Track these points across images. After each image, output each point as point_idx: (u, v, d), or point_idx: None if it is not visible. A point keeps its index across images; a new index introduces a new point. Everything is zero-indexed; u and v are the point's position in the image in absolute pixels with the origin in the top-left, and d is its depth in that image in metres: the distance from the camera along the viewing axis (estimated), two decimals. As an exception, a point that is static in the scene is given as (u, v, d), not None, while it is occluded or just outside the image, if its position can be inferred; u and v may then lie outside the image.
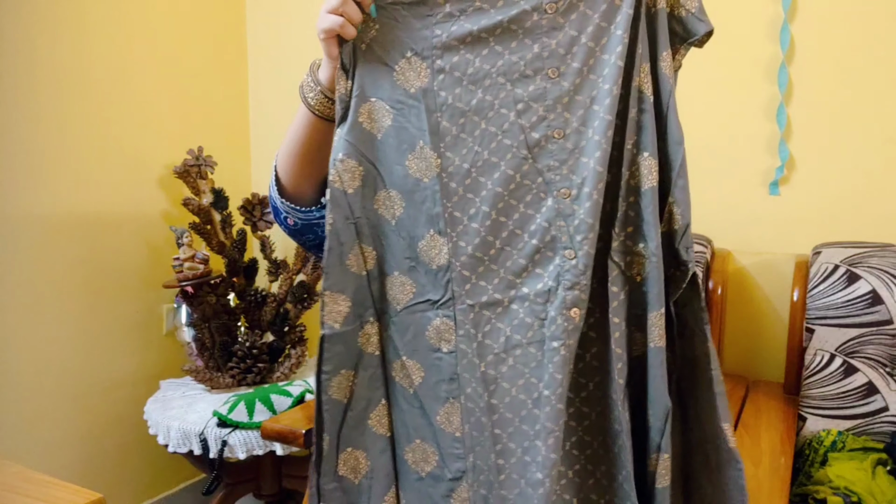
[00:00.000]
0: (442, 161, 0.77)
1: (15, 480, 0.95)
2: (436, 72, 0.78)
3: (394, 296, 0.81)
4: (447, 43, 0.77)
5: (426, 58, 0.78)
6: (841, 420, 1.21)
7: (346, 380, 0.81)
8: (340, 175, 0.79)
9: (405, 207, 0.79)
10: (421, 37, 0.78)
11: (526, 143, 0.76)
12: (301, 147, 0.89)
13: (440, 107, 0.78)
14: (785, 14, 1.45)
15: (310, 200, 0.94)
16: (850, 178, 1.43)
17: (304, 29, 2.13)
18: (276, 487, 1.82)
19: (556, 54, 0.75)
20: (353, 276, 0.80)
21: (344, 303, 0.80)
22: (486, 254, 0.77)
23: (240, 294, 1.89)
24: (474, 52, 0.77)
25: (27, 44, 1.64)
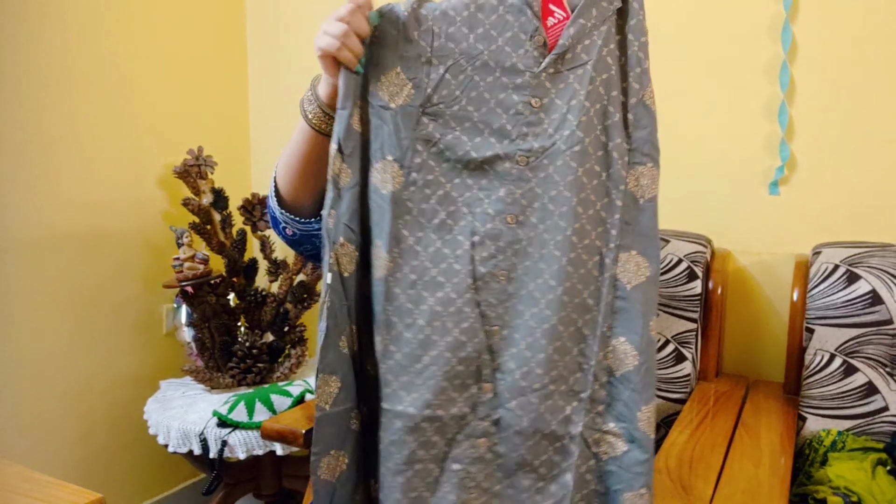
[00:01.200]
0: (392, 265, 0.79)
1: (15, 480, 0.95)
2: (409, 180, 0.80)
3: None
4: (425, 147, 0.80)
5: (402, 164, 0.80)
6: (841, 420, 1.21)
7: (335, 460, 0.82)
8: (340, 259, 0.81)
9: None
10: (406, 134, 0.80)
11: (473, 273, 0.79)
12: (300, 160, 0.89)
13: (403, 214, 0.80)
14: (786, 13, 1.45)
15: (309, 212, 0.94)
16: (851, 178, 1.43)
17: (304, 29, 2.13)
18: (276, 487, 1.82)
19: (519, 203, 0.79)
20: (345, 358, 0.82)
21: (335, 384, 0.81)
22: (412, 365, 0.79)
23: (240, 294, 1.89)
24: (445, 176, 0.80)
25: (27, 44, 1.64)
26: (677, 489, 0.94)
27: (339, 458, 0.82)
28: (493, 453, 0.81)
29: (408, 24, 0.80)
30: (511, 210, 0.79)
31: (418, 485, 0.80)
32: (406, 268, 0.80)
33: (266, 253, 1.92)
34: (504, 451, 0.81)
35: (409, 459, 0.79)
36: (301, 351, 1.89)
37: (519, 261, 0.80)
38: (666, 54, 1.59)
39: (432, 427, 0.79)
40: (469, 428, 0.80)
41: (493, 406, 0.80)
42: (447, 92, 0.80)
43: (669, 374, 1.38)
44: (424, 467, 0.80)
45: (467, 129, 0.80)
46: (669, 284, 1.40)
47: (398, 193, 0.80)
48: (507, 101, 0.80)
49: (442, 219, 0.80)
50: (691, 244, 1.43)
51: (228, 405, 1.59)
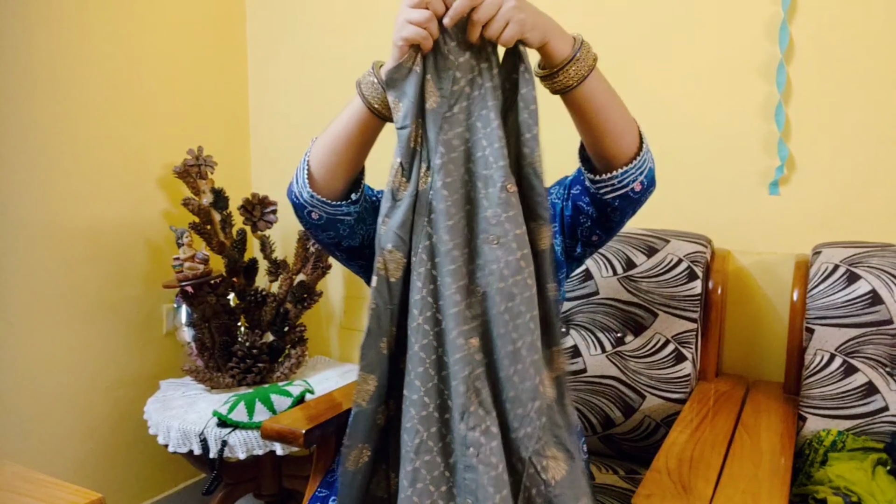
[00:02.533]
0: (415, 260, 0.83)
1: (15, 480, 0.95)
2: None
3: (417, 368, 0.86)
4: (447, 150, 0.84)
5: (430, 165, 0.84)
6: (841, 420, 1.21)
7: (360, 452, 0.87)
8: (387, 264, 0.84)
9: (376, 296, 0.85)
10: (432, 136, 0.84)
11: (466, 279, 0.83)
12: (347, 142, 0.91)
13: (429, 213, 0.83)
14: (784, 14, 1.45)
15: (341, 195, 0.96)
16: (850, 178, 1.43)
17: (304, 29, 2.13)
18: (276, 487, 1.82)
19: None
20: (384, 358, 0.86)
21: (372, 382, 0.86)
22: (423, 363, 0.82)
23: (240, 294, 1.89)
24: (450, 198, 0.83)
25: (27, 44, 1.64)
26: (677, 489, 0.95)
27: (363, 451, 0.87)
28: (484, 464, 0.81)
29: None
30: (494, 231, 0.82)
31: (424, 476, 0.81)
32: (429, 262, 0.83)
33: (266, 253, 1.92)
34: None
35: (419, 449, 0.81)
36: (301, 351, 1.89)
37: (493, 282, 0.81)
38: (664, 54, 1.59)
39: (441, 419, 0.81)
40: (460, 436, 0.81)
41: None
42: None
43: (669, 374, 1.38)
44: (433, 459, 0.81)
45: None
46: (669, 284, 1.40)
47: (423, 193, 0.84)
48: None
49: (455, 222, 0.83)
50: (691, 244, 1.43)
51: (228, 405, 1.59)
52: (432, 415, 0.81)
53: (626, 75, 1.63)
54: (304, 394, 1.64)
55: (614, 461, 1.42)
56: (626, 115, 0.90)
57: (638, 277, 1.42)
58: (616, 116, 0.88)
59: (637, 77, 1.62)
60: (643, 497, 0.91)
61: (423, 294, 0.82)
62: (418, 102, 0.82)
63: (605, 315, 1.45)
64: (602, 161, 0.91)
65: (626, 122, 0.89)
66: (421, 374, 0.82)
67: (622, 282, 1.43)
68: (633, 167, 0.90)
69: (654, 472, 1.00)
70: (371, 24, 2.00)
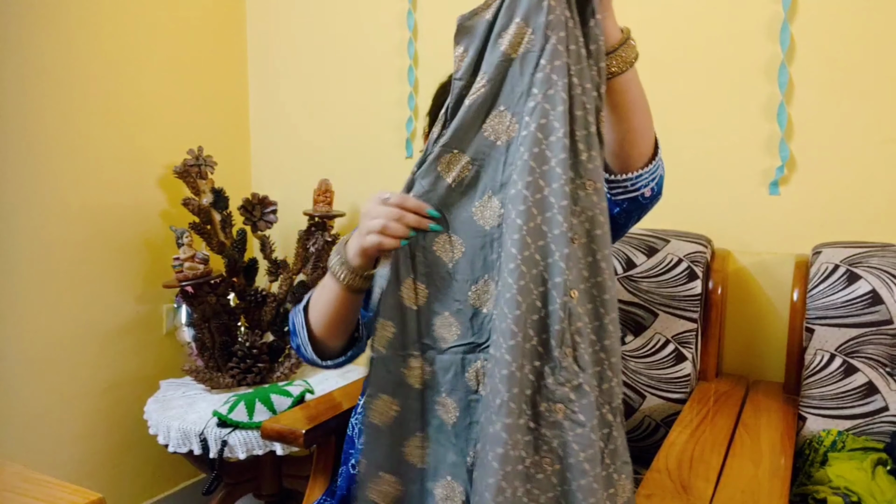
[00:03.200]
0: (504, 211, 0.79)
1: (15, 480, 0.95)
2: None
3: (441, 335, 0.83)
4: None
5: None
6: (841, 420, 1.21)
7: (386, 405, 0.83)
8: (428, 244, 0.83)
9: (465, 252, 0.82)
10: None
11: (570, 228, 0.77)
12: (334, 316, 0.95)
13: (516, 160, 0.78)
14: (785, 14, 1.45)
15: (338, 352, 1.03)
16: (850, 177, 1.43)
17: (304, 29, 2.13)
18: (276, 487, 1.82)
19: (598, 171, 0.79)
20: (405, 309, 0.83)
21: (390, 329, 0.83)
22: (511, 312, 0.77)
23: (240, 294, 1.89)
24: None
25: (27, 44, 1.64)
26: (677, 489, 0.95)
27: (390, 406, 0.83)
28: (571, 420, 0.77)
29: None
30: (591, 176, 0.78)
31: (506, 440, 0.76)
32: (514, 213, 0.77)
33: (266, 253, 1.92)
34: (583, 419, 0.77)
35: (500, 410, 0.76)
36: (301, 351, 1.89)
37: (592, 228, 0.78)
38: (665, 54, 1.59)
39: (520, 378, 0.77)
40: (547, 391, 0.77)
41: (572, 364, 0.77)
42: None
43: (669, 374, 1.38)
44: (514, 423, 0.77)
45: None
46: (669, 284, 1.40)
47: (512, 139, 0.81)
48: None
49: (552, 165, 0.77)
50: (691, 244, 1.43)
51: (228, 405, 1.59)
52: (514, 374, 0.76)
53: (626, 75, 1.63)
54: (304, 394, 1.64)
55: (614, 461, 1.42)
56: (649, 119, 0.90)
57: (638, 277, 1.42)
58: (641, 116, 0.88)
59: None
60: (643, 497, 0.91)
61: (523, 245, 0.76)
62: (480, 53, 0.79)
63: (605, 315, 1.45)
64: (618, 160, 0.92)
65: (649, 125, 0.90)
66: (511, 331, 0.76)
67: (622, 282, 1.43)
68: (647, 172, 0.91)
69: (654, 472, 1.00)
70: (371, 24, 2.00)
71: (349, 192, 2.06)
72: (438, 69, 1.11)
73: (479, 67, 0.79)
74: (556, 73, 0.76)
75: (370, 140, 2.04)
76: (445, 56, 1.14)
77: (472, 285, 0.81)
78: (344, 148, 2.09)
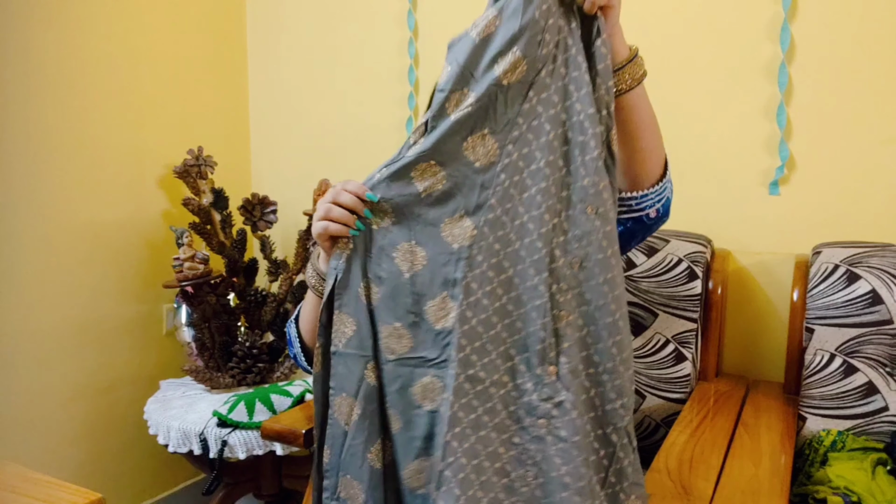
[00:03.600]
0: (478, 234, 0.79)
1: (15, 480, 0.95)
2: (503, 153, 0.80)
3: (388, 345, 0.83)
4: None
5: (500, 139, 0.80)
6: (841, 420, 1.21)
7: (347, 405, 0.83)
8: (376, 213, 0.83)
9: (426, 265, 0.81)
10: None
11: (551, 253, 0.79)
12: (314, 321, 0.94)
13: (495, 185, 0.79)
14: (785, 14, 1.45)
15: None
16: (850, 178, 1.43)
17: (303, 29, 2.13)
18: (276, 487, 1.82)
19: (601, 196, 0.79)
20: (362, 307, 0.83)
21: (350, 326, 0.83)
22: (487, 332, 0.79)
23: (240, 294, 1.89)
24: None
25: (27, 44, 1.64)
26: (677, 489, 0.95)
27: (351, 406, 0.82)
28: (554, 436, 0.79)
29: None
30: (593, 201, 0.78)
31: (480, 452, 0.78)
32: (492, 237, 0.79)
33: (266, 253, 1.92)
34: (564, 435, 0.79)
35: (476, 424, 0.79)
36: (301, 351, 1.89)
37: (592, 252, 0.78)
38: (665, 54, 1.59)
39: (498, 394, 0.79)
40: (530, 406, 0.79)
41: (556, 390, 0.78)
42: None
43: (669, 374, 1.38)
44: (487, 434, 0.79)
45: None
46: (669, 284, 1.40)
47: (495, 162, 0.81)
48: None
49: (532, 193, 0.79)
50: (691, 244, 1.43)
51: (228, 405, 1.59)
52: (488, 390, 0.78)
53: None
54: (304, 394, 1.64)
55: (614, 461, 1.42)
56: (658, 138, 0.90)
57: (638, 277, 1.42)
58: (650, 136, 0.88)
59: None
60: (643, 497, 0.91)
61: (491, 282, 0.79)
62: (465, 69, 0.78)
63: (605, 315, 1.45)
64: (626, 179, 0.91)
65: (658, 144, 0.90)
66: (478, 348, 0.79)
67: (622, 282, 1.43)
68: (654, 192, 0.90)
69: (654, 472, 1.00)
70: (371, 24, 2.00)
71: (349, 192, 2.06)
72: (438, 69, 1.11)
73: (462, 81, 0.78)
74: (542, 104, 0.78)
75: (370, 140, 2.04)
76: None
77: (430, 300, 0.81)
78: (344, 148, 2.09)
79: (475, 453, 0.78)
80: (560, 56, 0.78)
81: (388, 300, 0.83)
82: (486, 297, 0.79)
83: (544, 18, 0.76)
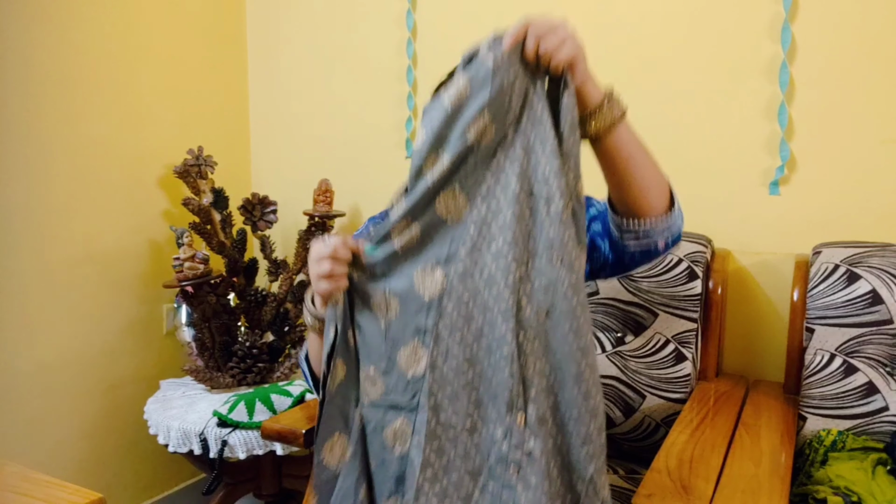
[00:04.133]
0: (448, 284, 0.84)
1: (15, 480, 0.95)
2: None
3: (364, 388, 0.88)
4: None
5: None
6: (841, 420, 1.21)
7: (340, 446, 0.88)
8: (359, 266, 0.89)
9: (399, 314, 0.86)
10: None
11: (518, 302, 0.82)
12: (318, 353, 0.98)
13: (464, 238, 0.84)
14: (786, 13, 1.45)
15: None
16: (851, 177, 1.43)
17: (304, 29, 2.13)
18: (276, 487, 1.82)
19: (567, 248, 0.83)
20: (351, 352, 0.88)
21: (342, 370, 0.88)
22: (457, 379, 0.83)
23: (240, 294, 1.89)
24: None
25: (27, 44, 1.64)
26: (677, 489, 0.95)
27: (344, 447, 0.87)
28: (524, 482, 0.82)
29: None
30: (558, 251, 0.81)
31: (453, 496, 0.82)
32: (461, 287, 0.83)
33: (266, 253, 1.92)
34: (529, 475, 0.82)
35: (447, 468, 0.83)
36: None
37: (558, 301, 0.81)
38: (666, 54, 1.59)
39: (470, 440, 0.83)
40: (500, 453, 0.82)
41: (525, 438, 0.81)
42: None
43: (669, 374, 1.38)
44: (459, 478, 0.83)
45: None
46: (669, 284, 1.40)
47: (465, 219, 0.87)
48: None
49: (499, 244, 0.83)
50: (691, 244, 1.43)
51: (228, 405, 1.59)
52: (459, 436, 0.82)
53: (628, 74, 1.63)
54: (304, 394, 1.64)
55: (614, 461, 1.42)
56: (654, 172, 0.89)
57: (638, 277, 1.42)
58: (643, 170, 0.88)
59: (639, 76, 1.62)
60: (643, 497, 0.91)
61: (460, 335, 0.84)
62: (439, 135, 0.83)
63: (606, 315, 1.45)
64: (626, 209, 0.91)
65: (653, 177, 0.89)
66: (450, 394, 0.83)
67: (622, 282, 1.43)
68: (661, 223, 0.90)
69: (654, 472, 1.00)
70: (370, 24, 2.00)
71: (349, 192, 2.06)
72: (438, 69, 1.11)
73: (436, 145, 0.83)
74: (508, 160, 0.83)
75: (370, 140, 2.04)
76: (445, 56, 1.14)
77: (403, 347, 0.85)
78: (344, 148, 2.10)
79: (446, 494, 0.82)
80: (526, 114, 0.82)
81: (365, 346, 0.88)
82: (457, 345, 0.83)
83: (511, 85, 0.80)
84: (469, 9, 1.84)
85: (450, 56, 1.12)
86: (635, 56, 1.61)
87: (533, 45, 0.80)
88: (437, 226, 0.85)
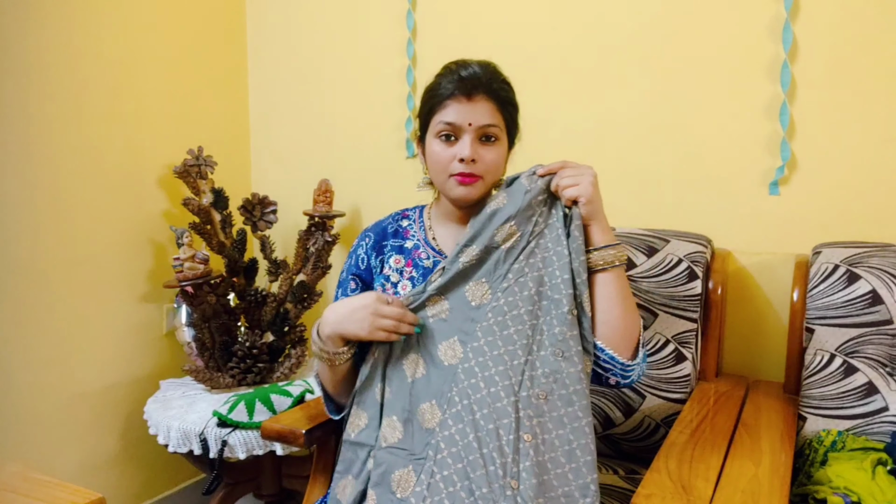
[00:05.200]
0: (463, 356, 1.00)
1: (15, 480, 0.95)
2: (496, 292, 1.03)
3: (384, 433, 0.99)
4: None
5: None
6: (841, 420, 1.21)
7: (351, 486, 1.00)
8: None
9: (425, 374, 1.01)
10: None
11: (521, 382, 0.96)
12: (337, 382, 1.10)
13: (482, 321, 1.01)
14: (787, 13, 1.45)
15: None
16: (851, 178, 1.43)
17: (303, 29, 2.13)
18: (276, 487, 1.82)
19: (567, 342, 1.00)
20: (376, 403, 1.02)
21: (363, 419, 1.03)
22: (462, 440, 0.94)
23: (240, 294, 1.89)
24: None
25: (27, 44, 1.64)
26: (677, 489, 0.95)
27: (354, 487, 0.99)
28: None
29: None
30: (560, 346, 0.97)
31: None
32: (474, 360, 0.98)
33: (266, 253, 1.92)
34: None
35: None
36: (301, 351, 1.90)
37: (558, 388, 0.96)
38: (667, 54, 1.59)
39: (469, 499, 0.91)
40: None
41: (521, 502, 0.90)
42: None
43: (669, 374, 1.38)
44: None
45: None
46: (669, 284, 1.40)
47: (482, 304, 1.04)
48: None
49: (510, 331, 0.99)
50: (691, 244, 1.43)
51: (228, 405, 1.59)
52: (457, 494, 0.91)
53: (629, 75, 1.63)
54: (304, 394, 1.64)
55: (614, 461, 1.42)
56: (629, 321, 1.02)
57: (638, 277, 1.42)
58: (619, 313, 1.01)
59: (640, 76, 1.62)
60: (643, 497, 0.91)
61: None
62: (477, 230, 1.04)
63: (606, 315, 1.45)
64: (598, 335, 1.02)
65: (627, 326, 1.02)
66: (455, 454, 0.94)
67: (622, 282, 1.43)
68: (619, 365, 1.01)
69: (654, 472, 1.00)
70: (370, 24, 2.00)
71: (349, 192, 2.06)
72: (437, 69, 1.11)
73: (473, 240, 1.04)
74: (529, 266, 1.02)
75: (370, 140, 2.04)
76: (445, 56, 1.14)
77: (423, 403, 0.99)
78: (344, 148, 2.09)
79: None
80: (548, 233, 1.03)
81: (392, 398, 1.01)
82: (465, 410, 0.95)
83: (536, 204, 1.04)
84: (469, 9, 1.84)
85: (450, 56, 1.12)
86: (637, 56, 1.61)
87: (557, 179, 1.02)
88: (464, 307, 1.02)
